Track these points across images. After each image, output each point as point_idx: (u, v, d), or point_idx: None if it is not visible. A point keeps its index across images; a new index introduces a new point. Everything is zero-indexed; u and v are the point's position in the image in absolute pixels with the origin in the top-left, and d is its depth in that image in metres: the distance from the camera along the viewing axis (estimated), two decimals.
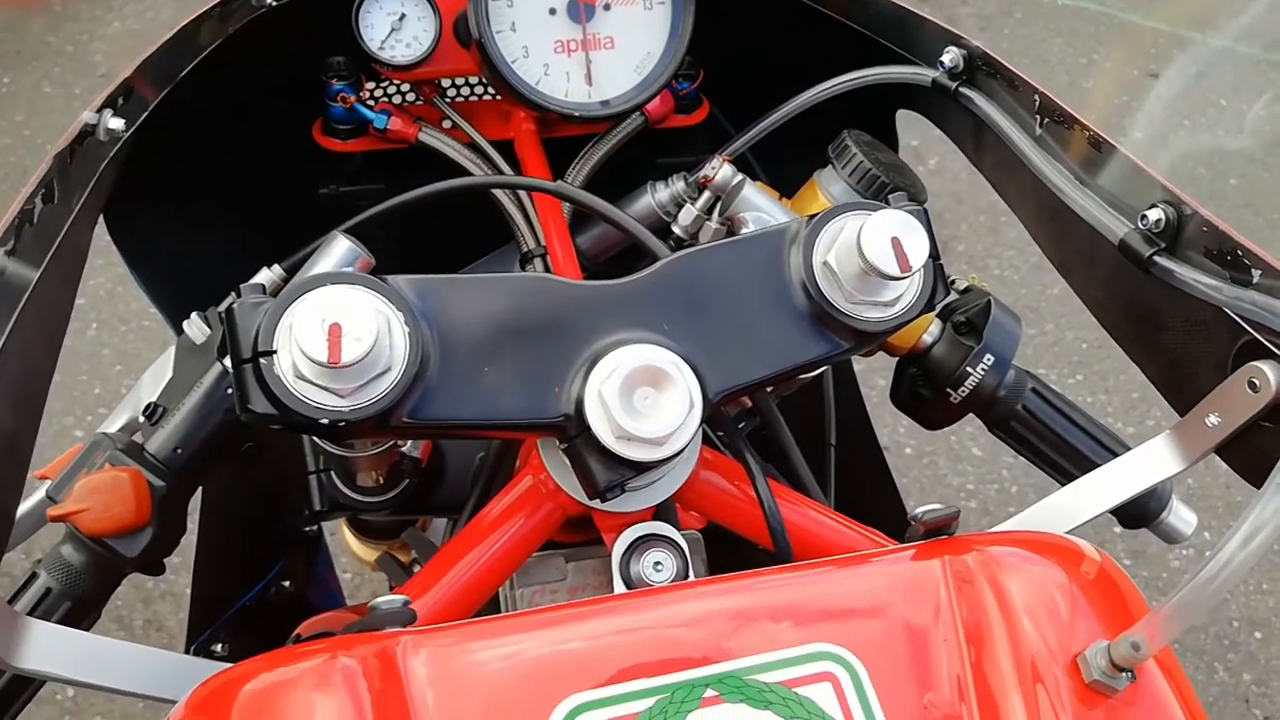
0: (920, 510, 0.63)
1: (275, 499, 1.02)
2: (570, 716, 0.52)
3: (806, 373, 0.85)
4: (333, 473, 0.95)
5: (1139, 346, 0.77)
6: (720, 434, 0.88)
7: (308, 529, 1.14)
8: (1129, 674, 0.53)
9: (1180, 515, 0.93)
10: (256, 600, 1.04)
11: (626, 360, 0.62)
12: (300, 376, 0.59)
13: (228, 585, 1.03)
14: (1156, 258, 0.71)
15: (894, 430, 2.41)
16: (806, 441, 0.86)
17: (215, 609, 1.01)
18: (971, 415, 0.91)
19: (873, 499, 1.17)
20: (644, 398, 0.62)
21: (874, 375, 1.95)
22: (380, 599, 0.57)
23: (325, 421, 0.59)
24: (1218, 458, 0.69)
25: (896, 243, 0.64)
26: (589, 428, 0.62)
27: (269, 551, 1.07)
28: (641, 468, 0.63)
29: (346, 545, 1.29)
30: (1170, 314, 0.72)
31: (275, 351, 0.59)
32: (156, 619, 2.05)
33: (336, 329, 0.57)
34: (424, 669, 0.53)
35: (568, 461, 0.67)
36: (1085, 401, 2.55)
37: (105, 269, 2.63)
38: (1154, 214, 0.71)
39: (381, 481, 0.94)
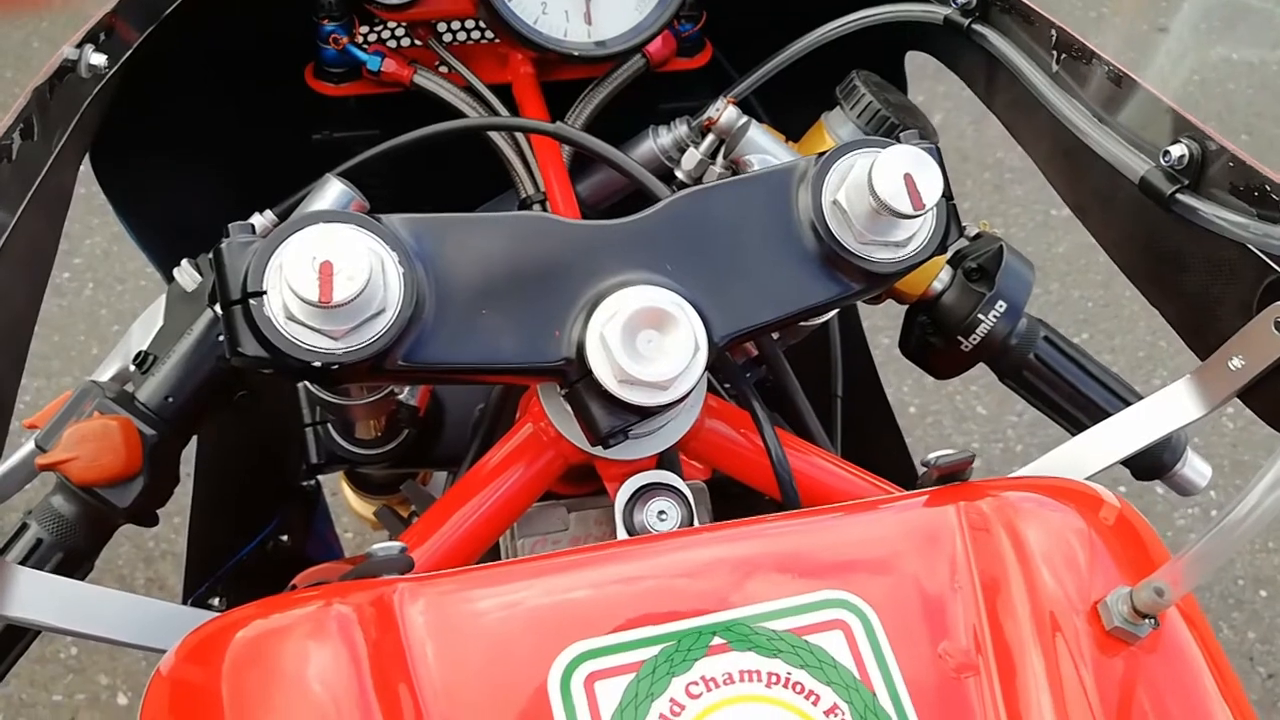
0: (933, 455, 0.61)
1: (272, 452, 1.00)
2: (573, 666, 0.51)
3: (815, 317, 0.83)
4: (330, 425, 0.93)
5: (1158, 289, 0.75)
6: (726, 384, 0.86)
7: (306, 483, 1.12)
8: (1152, 621, 0.52)
9: (1195, 467, 0.91)
10: (254, 555, 1.03)
11: (629, 302, 0.60)
12: (291, 318, 0.57)
13: (224, 539, 1.02)
14: (1179, 195, 0.69)
15: (898, 389, 2.39)
16: (812, 394, 0.84)
17: (212, 563, 0.99)
18: (978, 370, 0.89)
19: (880, 452, 1.16)
20: (647, 340, 0.61)
21: (878, 335, 1.94)
22: (377, 545, 0.55)
23: (318, 364, 0.57)
24: (1228, 411, 0.67)
25: (909, 179, 0.62)
26: (590, 372, 0.60)
27: (266, 505, 1.06)
28: (645, 413, 0.61)
29: (346, 501, 1.28)
30: (1192, 254, 0.70)
31: (265, 292, 0.57)
32: (158, 578, 2.04)
33: (328, 267, 0.55)
34: (421, 617, 0.52)
35: (569, 408, 0.65)
36: None
37: (102, 228, 2.61)
38: (1177, 150, 0.69)
39: (379, 433, 0.92)
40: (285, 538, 1.04)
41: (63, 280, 2.53)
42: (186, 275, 0.80)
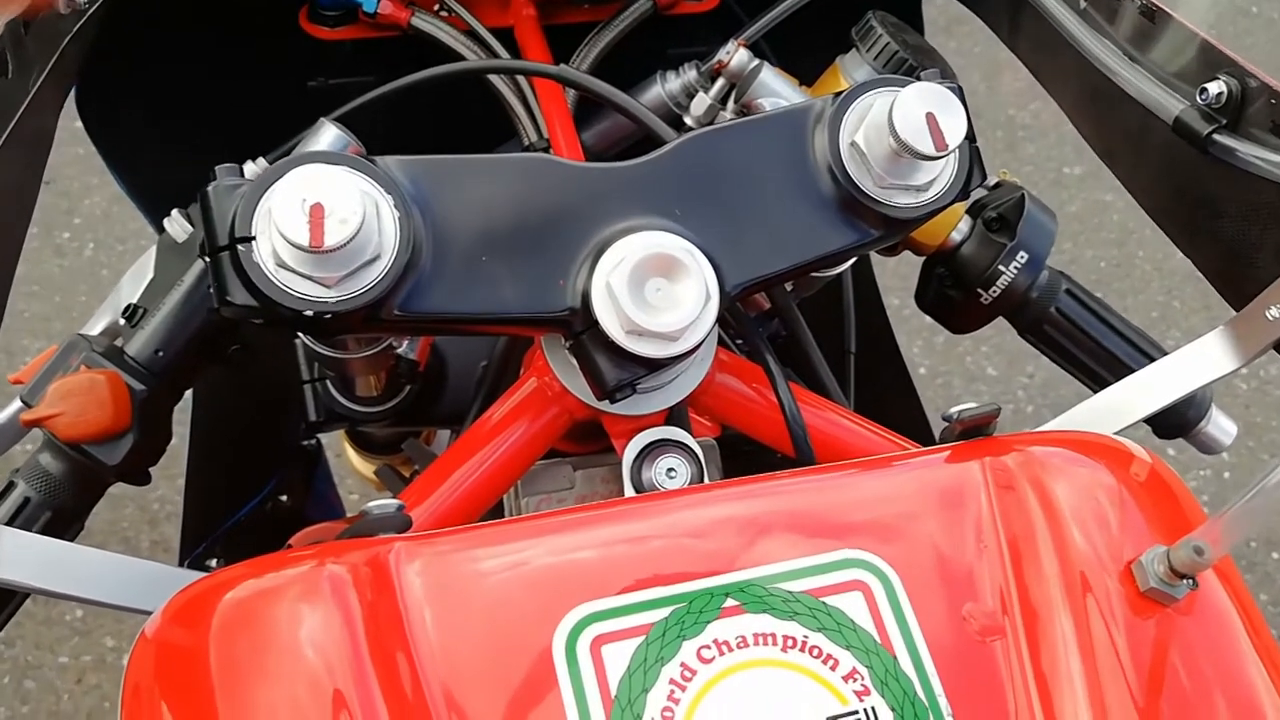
0: (955, 409, 0.58)
1: (270, 410, 0.98)
2: (578, 629, 0.48)
3: (832, 266, 0.80)
4: (328, 382, 0.91)
5: (1191, 236, 0.72)
6: (737, 340, 0.83)
7: (306, 443, 1.10)
8: (1189, 581, 0.49)
9: (1219, 424, 0.89)
10: (253, 515, 1.01)
11: (636, 248, 0.58)
12: (281, 264, 0.54)
13: (222, 499, 1.00)
14: (1215, 136, 0.66)
15: (908, 350, 2.36)
16: (825, 351, 0.81)
17: (209, 523, 0.97)
18: (989, 330, 0.86)
19: (895, 410, 1.12)
20: (655, 289, 0.58)
21: (888, 295, 1.91)
22: (373, 503, 0.53)
23: (309, 314, 0.55)
24: (1241, 372, 0.64)
25: (931, 119, 0.59)
26: (596, 322, 0.58)
27: (265, 465, 1.04)
28: (653, 365, 0.59)
29: (349, 462, 1.25)
30: (1228, 198, 0.67)
31: (254, 238, 0.55)
32: (163, 540, 2.03)
33: (319, 210, 0.52)
34: (419, 578, 0.49)
35: (574, 361, 0.63)
36: None
37: (101, 188, 2.58)
38: (1214, 87, 0.65)
39: (379, 390, 0.90)
40: (285, 498, 1.02)
41: (63, 241, 2.50)
42: (177, 226, 0.78)
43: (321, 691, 0.46)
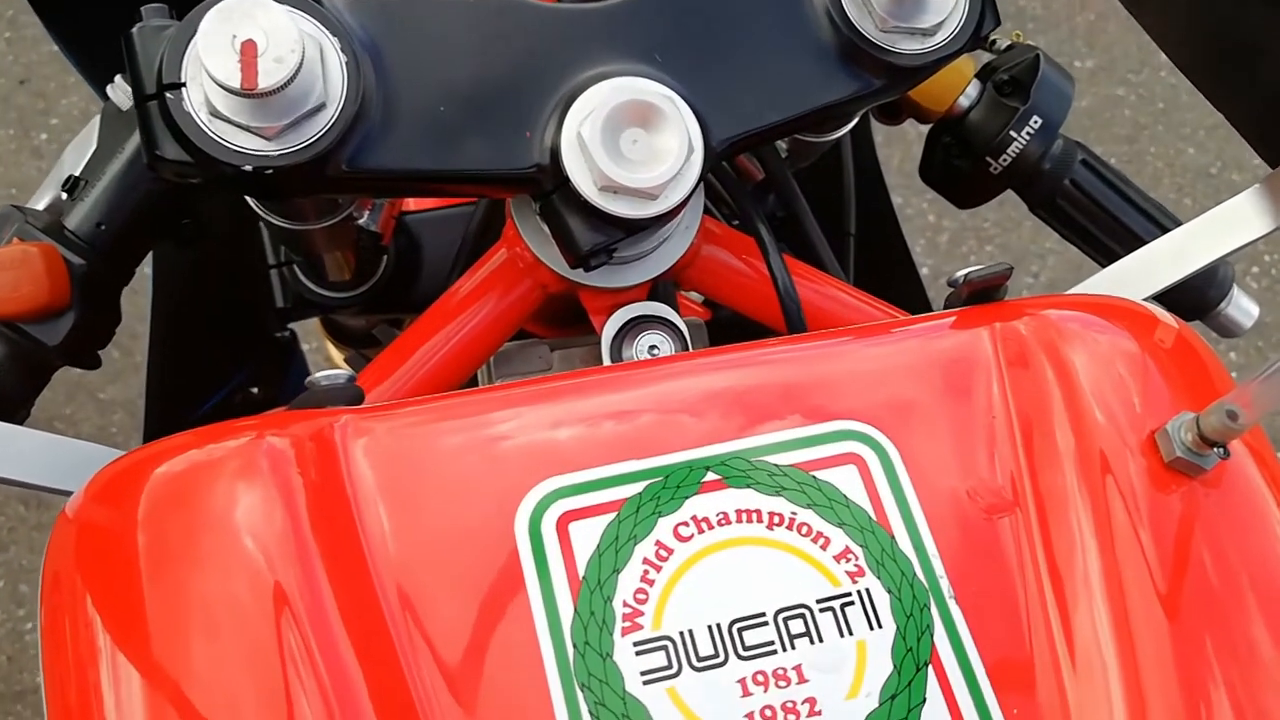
0: (962, 271, 0.53)
1: (238, 297, 0.92)
2: (543, 505, 0.44)
3: (830, 125, 0.74)
4: (296, 266, 0.86)
5: (1225, 87, 0.65)
6: (724, 209, 0.77)
7: (280, 333, 1.05)
8: (1220, 450, 0.44)
9: (1241, 305, 0.84)
10: (220, 408, 0.96)
11: (611, 94, 0.52)
12: (215, 113, 0.49)
13: (186, 389, 0.95)
14: None
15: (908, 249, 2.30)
16: (823, 232, 0.75)
17: (172, 416, 0.93)
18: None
19: (897, 297, 1.07)
20: (632, 141, 0.53)
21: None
22: (320, 374, 0.48)
23: (248, 168, 0.49)
24: (1251, 270, 0.58)
25: None
26: (567, 179, 0.53)
27: (233, 356, 0.99)
28: (631, 227, 0.53)
29: (328, 355, 1.21)
30: (1270, 41, 0.60)
31: (184, 84, 0.49)
32: None
33: (251, 48, 0.47)
34: (367, 453, 0.45)
35: (546, 228, 0.57)
36: None
37: (79, 87, 2.49)
38: None
39: (350, 275, 0.85)
40: (256, 390, 0.97)
41: (40, 142, 2.43)
42: (121, 92, 0.71)
43: (260, 581, 0.41)
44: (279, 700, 0.39)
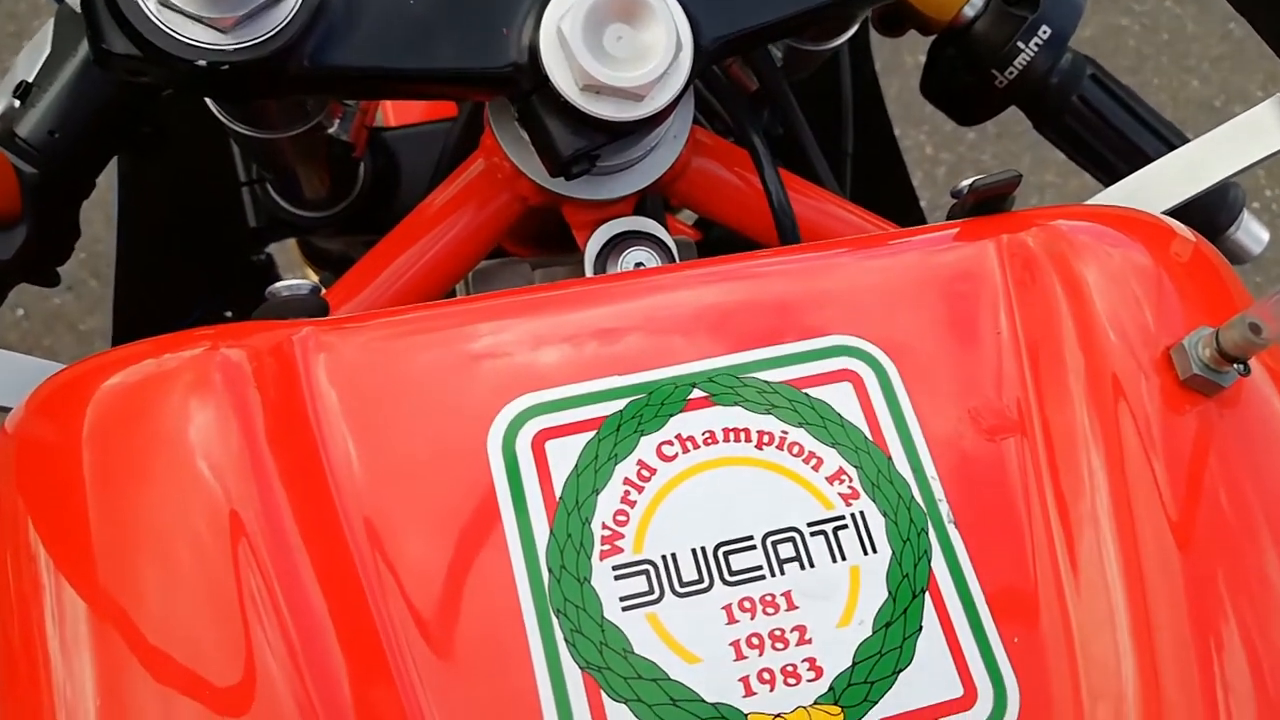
0: (967, 181, 0.50)
1: (208, 218, 0.89)
2: (518, 423, 0.41)
3: (829, 30, 0.70)
4: (269, 184, 0.82)
5: None
6: (717, 125, 0.74)
7: (256, 257, 1.01)
8: (1240, 366, 0.41)
9: (1250, 230, 0.80)
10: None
11: None
12: (165, 3, 0.45)
13: (155, 311, 0.92)
14: None
15: None
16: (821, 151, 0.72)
17: (141, 336, 0.89)
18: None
19: (896, 220, 1.04)
20: (616, 37, 0.49)
21: None
22: (281, 283, 0.45)
23: (202, 63, 0.46)
24: (1265, 193, 0.55)
25: None
26: (547, 79, 0.49)
27: (207, 279, 0.95)
28: (615, 131, 0.50)
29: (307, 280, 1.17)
30: None
31: None
32: None
33: None
34: (329, 368, 0.42)
35: (525, 134, 0.54)
36: None
37: (52, 9, 2.42)
38: None
39: (324, 193, 0.81)
40: (229, 314, 0.94)
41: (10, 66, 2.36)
42: None
43: (215, 506, 0.38)
44: (237, 633, 0.37)
